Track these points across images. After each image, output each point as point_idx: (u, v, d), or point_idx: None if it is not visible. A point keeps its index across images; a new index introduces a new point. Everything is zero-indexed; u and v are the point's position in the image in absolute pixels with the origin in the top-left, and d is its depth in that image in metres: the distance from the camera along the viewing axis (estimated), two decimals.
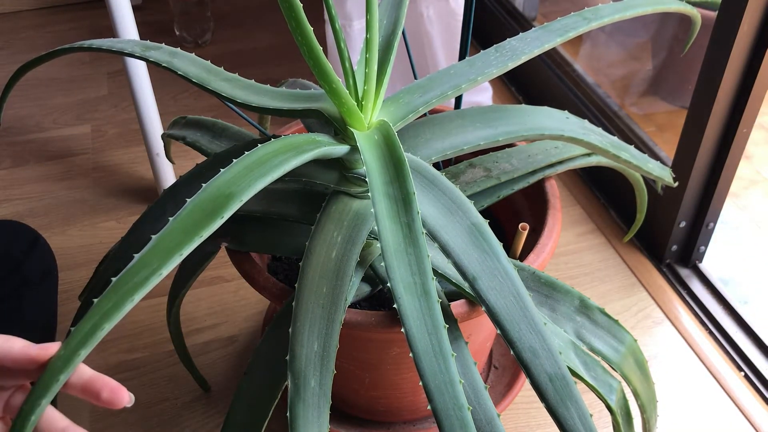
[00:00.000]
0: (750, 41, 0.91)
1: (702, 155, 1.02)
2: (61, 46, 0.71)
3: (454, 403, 0.50)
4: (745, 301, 1.11)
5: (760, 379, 0.98)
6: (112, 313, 0.46)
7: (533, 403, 0.94)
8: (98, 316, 0.46)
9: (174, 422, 0.93)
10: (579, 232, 1.21)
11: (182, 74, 0.67)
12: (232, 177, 0.54)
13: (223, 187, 0.53)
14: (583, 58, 1.62)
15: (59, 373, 0.45)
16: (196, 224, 0.51)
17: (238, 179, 0.54)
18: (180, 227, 0.51)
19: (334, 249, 0.62)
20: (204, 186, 0.53)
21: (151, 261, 0.48)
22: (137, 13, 1.19)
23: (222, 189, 0.53)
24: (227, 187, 0.53)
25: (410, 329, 0.51)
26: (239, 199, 0.52)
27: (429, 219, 0.58)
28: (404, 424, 0.86)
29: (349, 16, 1.21)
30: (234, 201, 0.52)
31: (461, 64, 0.68)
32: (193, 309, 1.07)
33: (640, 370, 0.68)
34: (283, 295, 0.67)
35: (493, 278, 0.55)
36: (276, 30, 1.82)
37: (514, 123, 0.72)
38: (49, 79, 1.61)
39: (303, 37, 0.53)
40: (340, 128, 0.62)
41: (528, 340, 0.53)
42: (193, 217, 0.51)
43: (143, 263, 0.48)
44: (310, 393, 0.57)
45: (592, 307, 0.67)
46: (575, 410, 0.52)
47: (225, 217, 0.51)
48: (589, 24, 0.70)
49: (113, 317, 0.46)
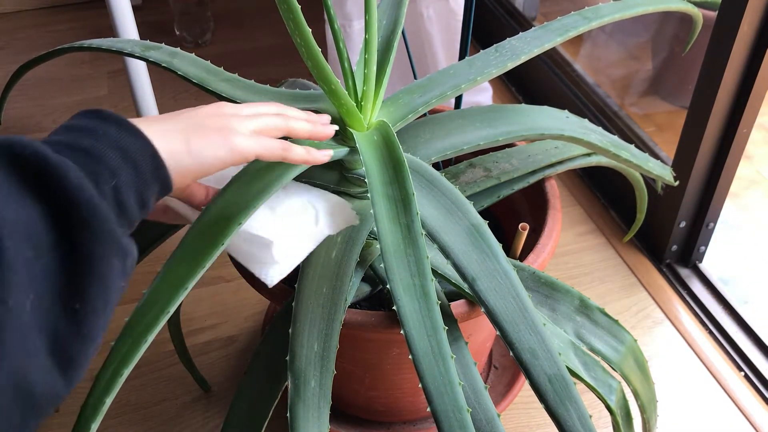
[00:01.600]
0: (750, 41, 0.91)
1: (702, 155, 1.02)
2: (61, 45, 0.71)
3: (453, 405, 0.50)
4: (745, 301, 1.11)
5: (760, 379, 0.98)
6: (129, 358, 0.49)
7: (533, 403, 0.94)
8: (117, 362, 0.49)
9: (174, 422, 0.93)
10: (579, 232, 1.21)
11: (182, 74, 0.67)
12: (231, 196, 0.55)
13: (222, 208, 0.54)
14: (583, 58, 1.62)
15: (91, 421, 0.48)
16: (198, 254, 0.52)
17: (237, 197, 0.54)
18: (183, 259, 0.52)
19: (334, 249, 0.62)
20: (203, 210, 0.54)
21: (160, 299, 0.51)
22: (137, 13, 1.19)
23: (222, 211, 0.54)
24: (227, 208, 0.54)
25: (409, 331, 0.51)
26: (238, 222, 0.53)
27: (428, 220, 0.58)
28: (404, 424, 0.86)
29: (348, 16, 1.21)
30: (233, 224, 0.53)
31: (461, 64, 0.68)
32: (193, 309, 1.07)
33: (640, 370, 0.68)
34: (283, 295, 0.67)
35: (493, 279, 0.55)
36: (276, 30, 1.82)
37: (514, 123, 0.71)
38: (49, 79, 1.61)
39: (301, 39, 0.53)
40: (340, 129, 0.62)
41: (527, 341, 0.53)
42: (195, 247, 0.53)
43: (152, 302, 0.51)
44: (310, 393, 0.57)
45: (592, 307, 0.67)
46: (574, 411, 0.52)
47: (226, 243, 0.52)
48: (589, 23, 0.69)
49: (131, 361, 0.49)
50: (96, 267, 0.38)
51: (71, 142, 0.41)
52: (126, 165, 0.42)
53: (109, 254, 0.38)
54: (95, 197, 0.38)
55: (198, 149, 0.47)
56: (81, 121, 0.43)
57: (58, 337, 0.36)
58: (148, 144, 0.44)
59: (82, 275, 0.37)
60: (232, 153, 0.49)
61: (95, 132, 0.42)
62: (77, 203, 0.37)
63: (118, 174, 0.41)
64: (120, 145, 0.42)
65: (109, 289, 0.38)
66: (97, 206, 0.38)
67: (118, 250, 0.39)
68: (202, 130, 0.49)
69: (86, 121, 0.43)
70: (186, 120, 0.49)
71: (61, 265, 0.36)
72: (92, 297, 0.37)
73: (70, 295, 0.37)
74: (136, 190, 0.43)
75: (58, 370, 0.36)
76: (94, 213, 0.38)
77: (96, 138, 0.42)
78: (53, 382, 0.36)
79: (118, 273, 0.40)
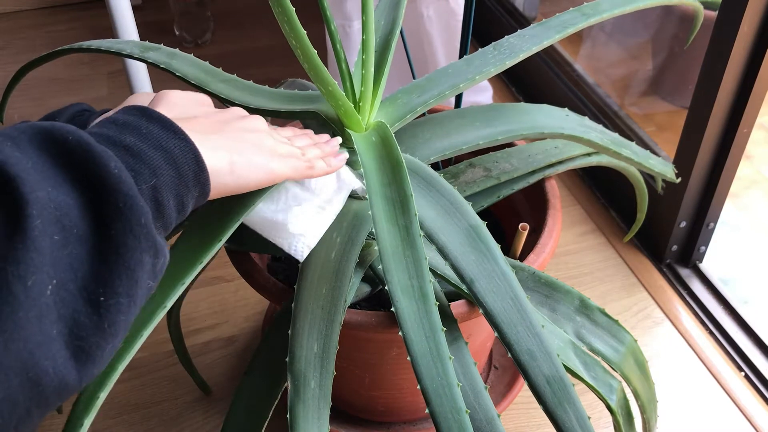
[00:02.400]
0: (750, 41, 0.91)
1: (702, 155, 1.02)
2: (61, 46, 0.71)
3: (451, 406, 0.50)
4: (745, 301, 1.11)
5: (760, 379, 0.98)
6: (125, 353, 0.48)
7: (533, 404, 0.94)
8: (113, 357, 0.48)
9: (174, 422, 0.93)
10: (579, 232, 1.21)
11: (180, 75, 0.67)
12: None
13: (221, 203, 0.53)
14: (583, 57, 1.62)
15: (83, 417, 0.48)
16: (197, 249, 0.52)
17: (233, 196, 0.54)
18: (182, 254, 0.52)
19: (334, 250, 0.62)
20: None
21: (157, 293, 0.50)
22: (137, 13, 1.19)
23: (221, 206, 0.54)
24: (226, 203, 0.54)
25: (408, 332, 0.51)
26: (237, 219, 0.53)
27: (427, 221, 0.58)
28: (404, 424, 0.86)
29: (348, 17, 1.20)
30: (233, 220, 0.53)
31: (459, 63, 0.68)
32: (193, 309, 1.07)
33: (640, 370, 0.68)
34: (283, 296, 0.67)
35: (491, 280, 0.55)
36: (276, 30, 1.81)
37: (514, 122, 0.71)
38: (49, 80, 1.61)
39: (297, 40, 0.53)
40: (338, 130, 0.62)
41: (525, 343, 0.53)
42: (193, 243, 0.52)
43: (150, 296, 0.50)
44: (310, 394, 0.57)
45: (592, 307, 0.67)
46: (573, 412, 0.52)
47: (223, 240, 0.52)
48: (588, 19, 0.69)
49: (124, 358, 0.49)
50: (125, 259, 0.37)
51: (114, 136, 0.41)
52: (168, 166, 0.42)
53: (141, 249, 0.38)
54: (133, 189, 0.38)
55: (240, 172, 0.48)
56: (126, 116, 0.43)
57: (77, 327, 0.35)
58: (192, 147, 0.44)
59: (111, 265, 0.36)
60: (268, 177, 0.50)
61: (139, 129, 0.42)
62: (115, 192, 0.37)
63: (159, 174, 0.41)
64: (163, 145, 0.42)
65: (136, 284, 0.38)
66: (135, 198, 0.37)
67: (151, 247, 0.38)
68: (245, 148, 0.49)
69: (131, 117, 0.43)
70: (229, 132, 0.49)
71: (89, 254, 0.36)
72: (118, 290, 0.37)
73: (96, 285, 0.36)
74: (176, 193, 0.42)
75: (73, 361, 0.35)
76: (131, 204, 0.37)
77: (140, 136, 0.41)
78: (66, 373, 0.34)
79: (148, 270, 0.39)
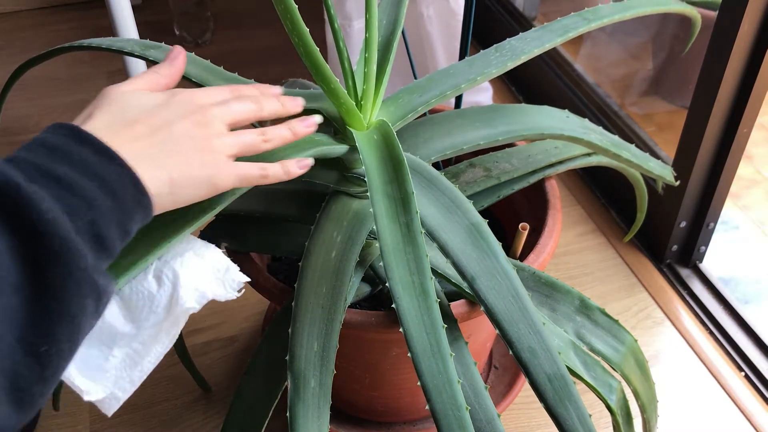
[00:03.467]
0: (750, 41, 0.91)
1: (702, 155, 1.02)
2: (61, 45, 0.71)
3: (452, 403, 0.50)
4: (745, 301, 1.11)
5: (760, 379, 0.98)
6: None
7: (533, 403, 0.94)
8: None
9: (174, 422, 0.92)
10: (579, 232, 1.21)
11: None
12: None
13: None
14: (583, 57, 1.62)
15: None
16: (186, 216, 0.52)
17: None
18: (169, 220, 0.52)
19: (334, 249, 0.62)
20: None
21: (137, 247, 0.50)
22: (137, 13, 1.19)
23: None
24: None
25: (408, 329, 0.51)
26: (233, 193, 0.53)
27: (428, 219, 0.58)
28: (404, 424, 0.86)
29: (349, 16, 1.21)
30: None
31: (461, 63, 0.68)
32: None
33: (640, 370, 0.68)
34: (283, 296, 0.67)
35: (492, 278, 0.55)
36: (276, 30, 1.82)
37: (514, 122, 0.71)
38: (48, 79, 1.60)
39: (299, 38, 0.53)
40: (340, 128, 0.62)
41: (527, 340, 0.53)
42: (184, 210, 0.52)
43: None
44: (310, 393, 0.57)
45: (592, 307, 0.67)
46: (574, 410, 0.52)
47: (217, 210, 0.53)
48: (589, 24, 0.70)
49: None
50: (67, 307, 0.35)
51: (44, 165, 0.38)
52: (104, 196, 0.39)
53: (82, 294, 0.36)
54: (70, 232, 0.35)
55: (179, 192, 0.45)
56: (56, 139, 0.40)
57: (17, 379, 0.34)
58: (129, 172, 0.41)
59: (51, 315, 0.35)
60: (209, 191, 0.47)
61: (70, 156, 0.39)
62: (48, 236, 0.35)
63: (95, 206, 0.38)
64: (98, 173, 0.39)
65: (78, 329, 0.36)
66: (72, 242, 0.35)
67: (92, 291, 0.37)
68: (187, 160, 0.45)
69: (62, 140, 0.40)
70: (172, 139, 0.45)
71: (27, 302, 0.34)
72: (60, 339, 0.35)
73: (35, 335, 0.34)
74: (117, 221, 0.39)
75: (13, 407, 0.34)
76: (68, 249, 0.35)
77: (71, 164, 0.38)
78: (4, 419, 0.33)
79: (91, 313, 0.37)
